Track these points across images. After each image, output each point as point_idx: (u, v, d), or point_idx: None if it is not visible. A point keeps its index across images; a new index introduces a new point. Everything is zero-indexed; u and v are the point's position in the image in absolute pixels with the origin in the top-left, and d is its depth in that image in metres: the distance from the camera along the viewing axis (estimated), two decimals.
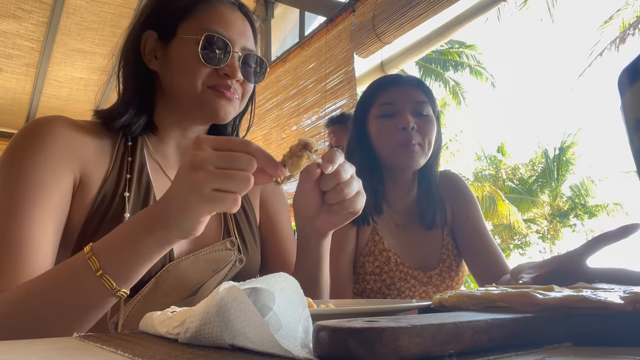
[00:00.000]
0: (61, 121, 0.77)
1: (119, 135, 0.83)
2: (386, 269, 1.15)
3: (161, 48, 0.82)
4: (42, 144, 0.73)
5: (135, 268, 0.60)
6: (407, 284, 1.15)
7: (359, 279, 1.16)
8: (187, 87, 0.79)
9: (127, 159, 0.81)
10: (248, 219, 0.92)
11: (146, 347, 0.37)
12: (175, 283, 0.76)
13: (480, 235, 1.20)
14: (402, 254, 1.17)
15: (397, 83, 1.21)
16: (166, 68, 0.82)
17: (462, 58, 16.91)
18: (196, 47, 0.78)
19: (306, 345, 0.33)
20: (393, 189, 1.23)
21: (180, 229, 0.58)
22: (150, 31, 0.82)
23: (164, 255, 0.75)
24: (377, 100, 1.20)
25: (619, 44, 13.10)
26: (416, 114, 1.16)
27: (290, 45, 4.37)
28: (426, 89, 1.22)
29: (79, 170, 0.76)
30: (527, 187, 20.51)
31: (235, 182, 0.55)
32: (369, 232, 1.18)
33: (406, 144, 1.13)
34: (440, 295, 0.53)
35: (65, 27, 4.21)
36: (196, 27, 0.80)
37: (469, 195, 1.27)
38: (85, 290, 0.59)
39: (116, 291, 0.59)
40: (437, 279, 1.18)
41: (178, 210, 0.57)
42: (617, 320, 0.37)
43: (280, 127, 4.37)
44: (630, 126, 0.32)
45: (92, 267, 0.58)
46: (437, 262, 1.20)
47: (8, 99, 4.90)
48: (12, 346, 0.41)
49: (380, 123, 1.17)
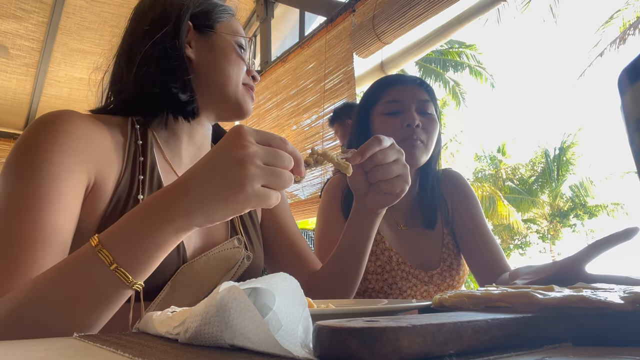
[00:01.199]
0: (75, 117, 0.74)
1: (129, 130, 0.81)
2: (388, 269, 1.15)
3: (198, 39, 0.86)
4: (57, 141, 0.69)
5: (152, 260, 0.57)
6: (408, 283, 1.15)
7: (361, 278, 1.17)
8: (232, 79, 0.86)
9: (139, 159, 0.79)
10: (251, 217, 0.93)
11: (146, 347, 0.37)
12: (190, 285, 0.76)
13: (480, 233, 1.21)
14: (404, 254, 1.18)
15: (402, 82, 1.23)
16: (207, 58, 0.86)
17: (462, 58, 16.92)
18: (236, 46, 0.87)
19: (306, 345, 0.33)
20: None
21: (210, 219, 0.55)
22: (189, 22, 0.86)
23: (178, 258, 0.76)
24: (383, 98, 1.21)
25: (619, 44, 13.11)
26: (420, 113, 1.18)
27: (290, 45, 4.37)
28: (429, 89, 1.23)
29: (93, 171, 0.73)
30: (527, 187, 20.53)
31: (281, 180, 0.55)
32: None
33: (410, 140, 1.14)
34: (441, 295, 0.53)
35: (65, 27, 4.21)
36: (229, 29, 0.89)
37: (470, 193, 1.28)
38: (99, 285, 0.55)
39: (132, 284, 0.55)
40: (439, 279, 1.18)
41: (215, 203, 0.54)
42: (617, 320, 0.37)
43: (280, 127, 4.37)
44: (630, 126, 0.32)
45: (105, 261, 0.54)
46: (438, 261, 1.20)
47: (8, 99, 4.90)
48: (11, 346, 0.41)
49: (385, 120, 1.18)
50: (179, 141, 0.87)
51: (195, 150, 0.89)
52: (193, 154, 0.89)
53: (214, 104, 0.87)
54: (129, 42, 0.86)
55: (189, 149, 0.88)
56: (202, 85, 0.85)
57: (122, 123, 0.81)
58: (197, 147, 0.89)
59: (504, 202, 17.50)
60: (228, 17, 0.90)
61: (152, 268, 0.58)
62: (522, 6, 11.02)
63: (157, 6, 0.86)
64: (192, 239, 0.81)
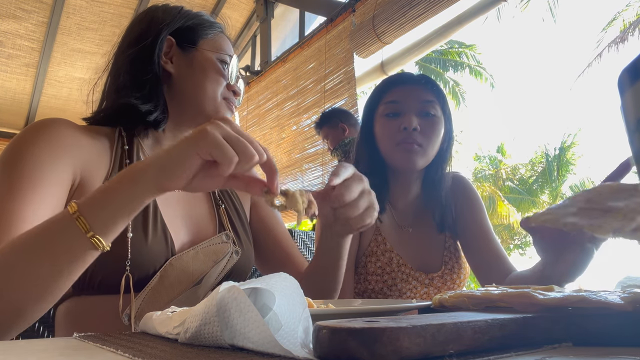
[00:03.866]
0: (64, 123, 0.80)
1: (116, 138, 0.86)
2: (388, 270, 1.15)
3: (179, 54, 0.90)
4: (45, 138, 0.75)
5: (122, 224, 0.61)
6: (408, 285, 1.15)
7: (361, 279, 1.16)
8: (208, 94, 0.88)
9: (126, 161, 0.84)
10: (239, 216, 0.97)
11: (146, 347, 0.37)
12: (179, 275, 0.79)
13: (486, 238, 1.19)
14: (405, 255, 1.17)
15: (404, 82, 1.20)
16: (186, 73, 0.89)
17: (462, 58, 16.91)
18: (217, 62, 0.90)
19: (306, 345, 0.33)
20: (396, 190, 1.22)
21: (168, 175, 0.58)
22: (170, 37, 0.90)
23: (167, 251, 0.80)
24: (384, 99, 1.19)
25: (620, 44, 13.10)
26: (422, 114, 1.15)
27: (290, 45, 4.37)
28: (434, 89, 1.20)
29: (80, 168, 0.78)
30: (527, 187, 20.51)
31: (241, 145, 0.57)
32: (372, 233, 1.17)
33: (405, 144, 1.13)
34: (441, 295, 0.53)
35: (65, 27, 4.21)
36: (213, 45, 0.92)
37: (476, 197, 1.26)
38: (73, 247, 0.58)
39: (103, 248, 0.59)
40: (439, 281, 1.17)
41: (173, 157, 0.58)
42: (617, 320, 0.37)
43: (280, 127, 4.37)
44: (630, 126, 0.32)
45: (82, 228, 0.57)
46: (440, 264, 1.19)
47: (8, 99, 4.90)
48: (11, 346, 0.41)
49: (384, 122, 1.17)
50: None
51: None
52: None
53: (191, 117, 0.90)
54: (115, 54, 0.92)
55: None
56: (179, 99, 0.90)
57: (110, 132, 0.87)
58: None
59: (504, 202, 17.49)
60: (214, 33, 0.93)
61: (118, 232, 0.62)
62: (522, 5, 11.02)
63: (144, 22, 0.91)
64: (180, 234, 0.84)
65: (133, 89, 0.86)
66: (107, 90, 0.91)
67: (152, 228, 0.78)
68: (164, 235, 0.80)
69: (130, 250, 0.74)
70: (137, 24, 0.92)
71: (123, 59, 0.89)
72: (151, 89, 0.87)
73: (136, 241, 0.75)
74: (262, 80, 4.57)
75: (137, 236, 0.76)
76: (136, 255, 0.75)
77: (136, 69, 0.87)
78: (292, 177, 4.21)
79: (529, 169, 21.25)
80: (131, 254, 0.74)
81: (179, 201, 0.88)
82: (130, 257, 0.74)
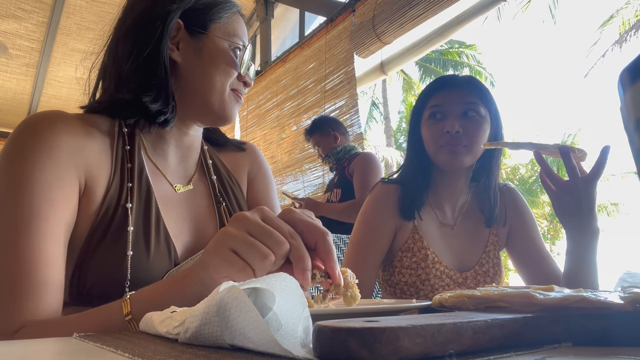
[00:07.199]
0: (62, 118, 0.73)
1: (116, 134, 0.79)
2: (423, 265, 1.18)
3: (187, 40, 0.81)
4: (45, 145, 0.69)
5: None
6: (441, 282, 1.18)
7: (395, 271, 1.21)
8: (216, 85, 0.81)
9: (127, 165, 0.78)
10: (241, 209, 0.92)
11: (146, 347, 0.37)
12: None
13: (538, 250, 1.25)
14: (440, 253, 1.20)
15: (447, 85, 1.24)
16: (193, 63, 0.80)
17: (462, 58, 16.93)
18: (228, 50, 0.81)
19: (306, 345, 0.33)
20: (442, 189, 1.26)
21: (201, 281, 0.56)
22: (179, 20, 0.80)
23: (170, 263, 0.76)
24: (428, 103, 1.24)
25: (620, 44, 13.11)
26: (465, 116, 1.19)
27: (290, 45, 4.37)
28: (478, 88, 1.23)
29: (84, 175, 0.72)
30: (527, 187, 20.50)
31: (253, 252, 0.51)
32: (410, 230, 1.21)
33: (449, 146, 1.17)
34: (440, 295, 0.53)
35: (65, 27, 4.21)
36: (225, 31, 0.82)
37: (526, 208, 1.31)
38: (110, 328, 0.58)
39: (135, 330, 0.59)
40: (472, 281, 1.21)
41: (202, 263, 0.56)
42: (617, 320, 0.37)
43: (280, 127, 4.37)
44: (630, 126, 0.32)
45: (132, 328, 0.58)
46: (474, 264, 1.23)
47: (8, 99, 4.91)
48: (11, 346, 0.41)
49: (429, 125, 1.22)
50: (167, 144, 0.85)
51: (184, 150, 0.88)
52: (181, 155, 0.87)
53: (196, 110, 0.83)
54: (115, 35, 0.82)
55: (177, 151, 0.87)
56: (185, 90, 0.81)
57: (109, 125, 0.80)
58: (185, 148, 0.88)
59: None
60: (228, 16, 0.83)
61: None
62: (523, 5, 11.02)
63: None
64: (183, 239, 0.81)
65: (139, 85, 0.77)
66: (106, 75, 0.82)
67: (154, 240, 0.74)
68: (167, 246, 0.76)
69: (130, 271, 0.70)
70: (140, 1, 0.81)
71: (124, 45, 0.78)
72: (160, 84, 0.77)
73: (137, 260, 0.71)
74: (262, 80, 4.57)
75: (137, 254, 0.72)
76: (136, 275, 0.71)
77: (141, 59, 0.77)
78: (292, 177, 4.21)
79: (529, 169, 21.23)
80: (131, 275, 0.70)
81: (181, 202, 0.84)
82: (129, 278, 0.70)
